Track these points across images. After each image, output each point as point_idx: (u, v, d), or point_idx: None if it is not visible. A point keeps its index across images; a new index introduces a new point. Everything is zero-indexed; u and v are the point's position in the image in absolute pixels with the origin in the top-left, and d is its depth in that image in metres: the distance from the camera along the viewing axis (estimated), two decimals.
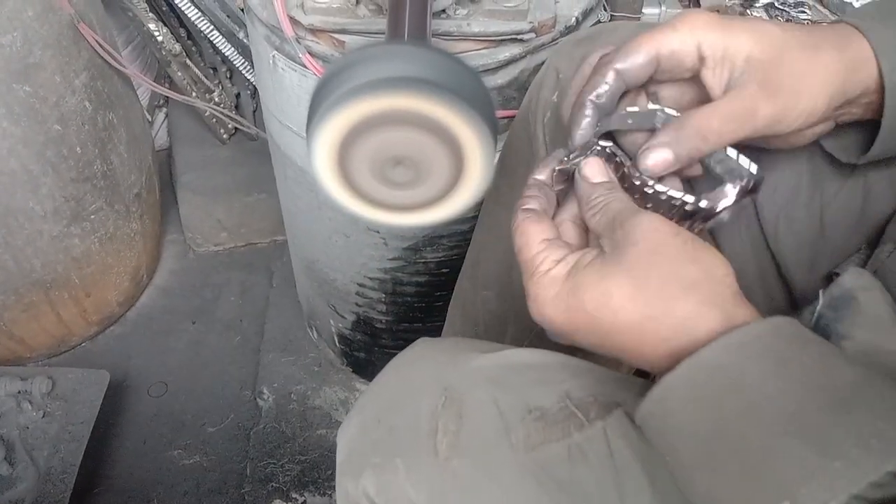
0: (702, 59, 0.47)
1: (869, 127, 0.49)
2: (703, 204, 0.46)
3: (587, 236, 0.49)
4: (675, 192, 0.46)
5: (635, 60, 0.48)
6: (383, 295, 1.09)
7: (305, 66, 0.79)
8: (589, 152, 0.49)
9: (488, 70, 0.78)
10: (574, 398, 0.48)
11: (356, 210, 0.50)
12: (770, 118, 0.46)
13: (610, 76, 0.48)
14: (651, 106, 0.50)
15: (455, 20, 0.76)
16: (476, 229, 0.83)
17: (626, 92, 0.51)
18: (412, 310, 1.11)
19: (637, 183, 0.47)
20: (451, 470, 0.47)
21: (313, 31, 0.78)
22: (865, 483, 0.31)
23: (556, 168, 0.50)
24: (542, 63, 0.81)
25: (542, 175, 0.50)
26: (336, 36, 0.77)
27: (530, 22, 0.77)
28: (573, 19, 0.81)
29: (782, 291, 0.61)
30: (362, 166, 0.47)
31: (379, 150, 0.46)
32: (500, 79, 0.79)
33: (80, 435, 1.12)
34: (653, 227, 0.42)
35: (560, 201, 0.51)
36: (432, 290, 1.07)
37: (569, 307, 0.42)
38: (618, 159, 0.49)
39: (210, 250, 1.58)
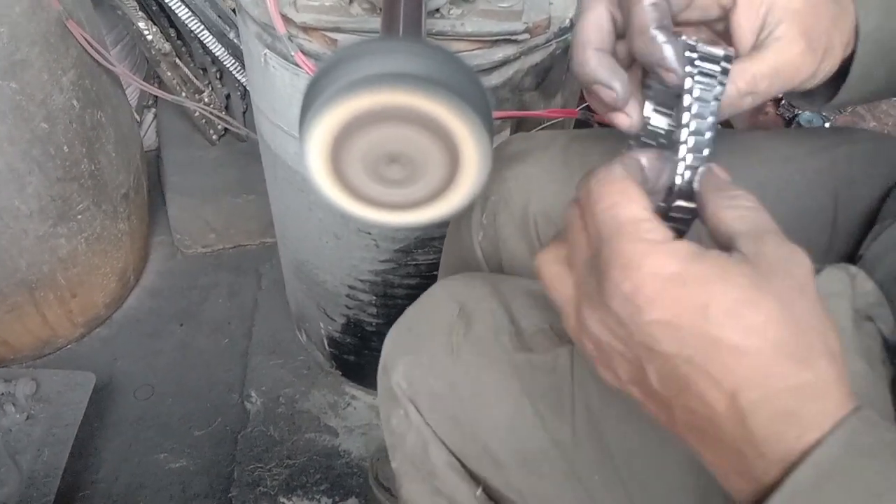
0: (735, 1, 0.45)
1: (832, 82, 0.49)
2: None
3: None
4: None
5: None
6: (374, 297, 1.08)
7: (297, 65, 0.78)
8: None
9: (482, 70, 0.77)
10: (556, 326, 0.56)
11: (350, 209, 0.49)
12: (807, 77, 0.44)
13: None
14: (712, 49, 0.42)
15: (449, 20, 0.75)
16: None
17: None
18: (403, 312, 1.10)
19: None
20: (461, 361, 0.57)
21: (306, 29, 0.77)
22: None
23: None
24: (537, 64, 0.81)
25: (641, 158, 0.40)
26: (329, 34, 0.77)
27: (524, 23, 0.76)
28: (567, 20, 0.81)
29: None
30: (356, 164, 0.46)
31: (373, 147, 0.45)
32: (495, 79, 0.79)
33: (64, 438, 1.11)
34: (805, 264, 0.35)
35: None
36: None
37: (682, 295, 0.33)
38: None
39: (198, 252, 1.57)
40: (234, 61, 1.43)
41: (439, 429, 0.59)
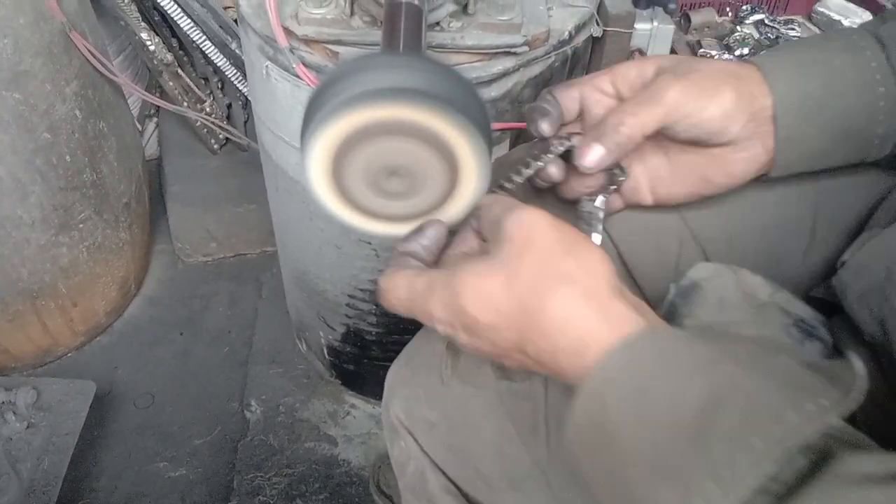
0: (618, 88, 0.53)
1: None
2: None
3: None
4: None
5: (567, 89, 0.55)
6: (374, 307, 1.09)
7: (299, 77, 0.79)
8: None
9: (482, 83, 0.78)
10: None
11: (350, 220, 0.50)
12: (678, 96, 0.49)
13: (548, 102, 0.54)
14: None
15: (449, 33, 0.76)
16: None
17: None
18: (403, 322, 1.11)
19: None
20: (451, 391, 0.61)
21: (307, 41, 0.78)
22: None
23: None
24: (536, 76, 0.82)
25: (411, 244, 0.49)
26: (330, 47, 0.77)
27: (524, 35, 0.77)
28: (566, 33, 0.81)
29: None
30: (357, 176, 0.47)
31: (374, 160, 0.46)
32: (494, 91, 0.80)
33: (64, 446, 1.11)
34: (528, 219, 0.42)
35: None
36: None
37: (455, 313, 0.42)
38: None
39: (199, 261, 1.58)
40: (235, 71, 1.44)
41: (436, 456, 0.63)
